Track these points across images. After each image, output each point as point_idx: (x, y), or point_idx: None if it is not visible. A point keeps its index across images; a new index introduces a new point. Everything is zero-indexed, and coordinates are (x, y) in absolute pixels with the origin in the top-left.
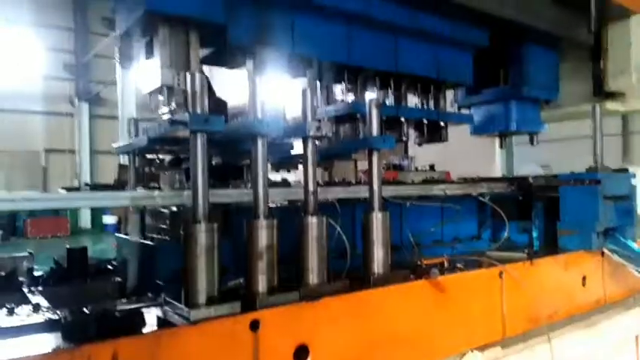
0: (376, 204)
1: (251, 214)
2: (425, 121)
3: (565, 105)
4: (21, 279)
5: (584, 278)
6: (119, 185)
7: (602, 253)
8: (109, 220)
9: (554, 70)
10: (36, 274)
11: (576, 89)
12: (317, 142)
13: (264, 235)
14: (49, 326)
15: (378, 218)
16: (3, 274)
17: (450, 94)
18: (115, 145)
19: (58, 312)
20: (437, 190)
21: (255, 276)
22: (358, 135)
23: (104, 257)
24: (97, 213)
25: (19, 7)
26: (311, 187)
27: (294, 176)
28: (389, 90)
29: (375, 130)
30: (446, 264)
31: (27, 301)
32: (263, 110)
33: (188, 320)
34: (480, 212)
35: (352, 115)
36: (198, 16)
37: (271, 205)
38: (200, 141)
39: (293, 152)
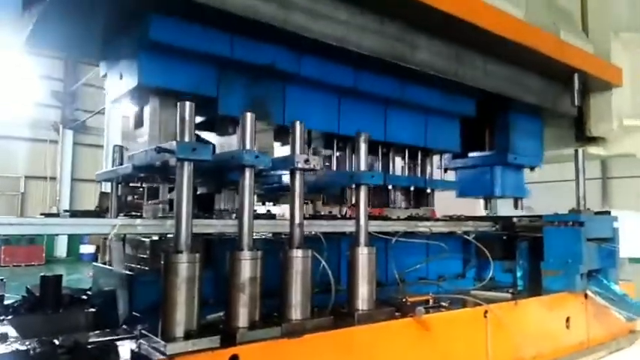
0: (362, 239)
1: (234, 245)
2: (412, 188)
3: (548, 148)
4: None
5: (567, 320)
6: (100, 213)
7: (586, 295)
8: (85, 249)
9: (539, 136)
10: (7, 302)
11: (559, 134)
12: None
13: (247, 267)
14: (16, 358)
15: (363, 253)
16: None
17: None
18: (98, 172)
19: (27, 343)
20: (422, 226)
21: (235, 309)
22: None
23: (79, 287)
24: (73, 242)
25: (11, 33)
26: (297, 220)
27: (280, 209)
28: (377, 156)
29: (363, 164)
30: (431, 302)
31: None
32: (252, 142)
33: (164, 354)
34: (464, 251)
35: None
36: (190, 90)
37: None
38: (186, 170)
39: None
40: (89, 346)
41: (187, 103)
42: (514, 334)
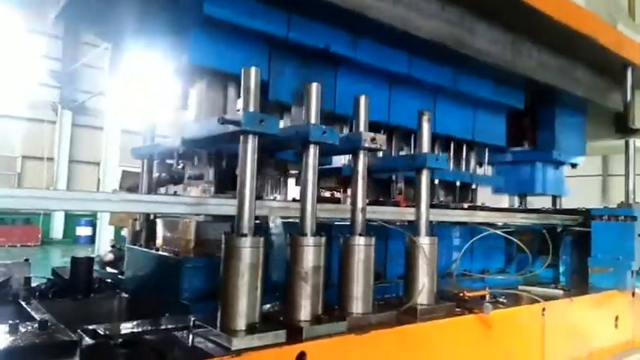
0: (423, 228)
1: (290, 229)
2: (457, 183)
3: (590, 140)
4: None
5: (616, 319)
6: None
7: (633, 293)
8: (82, 231)
9: (582, 132)
10: (33, 284)
11: (599, 125)
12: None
13: (310, 254)
14: (62, 350)
15: (425, 243)
16: None
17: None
18: (134, 147)
19: (72, 333)
20: (519, 218)
21: (297, 301)
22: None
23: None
24: (69, 223)
25: (10, 11)
26: (360, 204)
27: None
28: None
29: (425, 146)
30: (487, 297)
31: (29, 316)
32: (317, 115)
33: (228, 350)
34: (505, 244)
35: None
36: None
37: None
38: (251, 143)
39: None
40: (147, 339)
41: (253, 70)
42: (568, 332)
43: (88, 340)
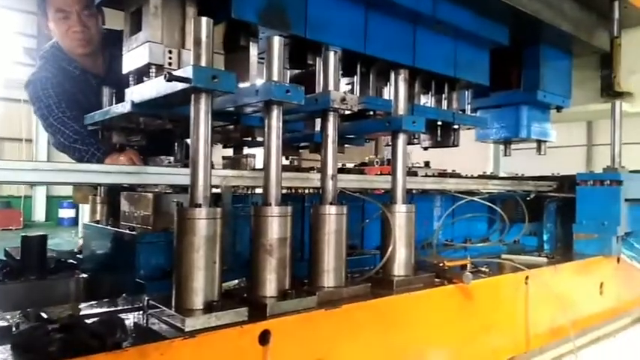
0: (399, 195)
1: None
2: (439, 123)
3: (574, 105)
4: None
5: (601, 285)
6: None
7: (618, 260)
8: (65, 213)
9: (568, 75)
10: None
11: (583, 90)
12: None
13: (275, 225)
14: None
15: (401, 212)
16: None
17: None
18: (86, 115)
19: (9, 316)
20: (491, 185)
21: (262, 276)
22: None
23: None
24: (52, 206)
25: None
26: (330, 171)
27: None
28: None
29: (402, 107)
30: (469, 266)
31: None
32: (281, 72)
33: (182, 331)
34: (487, 212)
35: (363, 113)
36: None
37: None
38: (204, 103)
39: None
40: (88, 321)
41: (204, 20)
42: (553, 301)
43: (23, 326)
